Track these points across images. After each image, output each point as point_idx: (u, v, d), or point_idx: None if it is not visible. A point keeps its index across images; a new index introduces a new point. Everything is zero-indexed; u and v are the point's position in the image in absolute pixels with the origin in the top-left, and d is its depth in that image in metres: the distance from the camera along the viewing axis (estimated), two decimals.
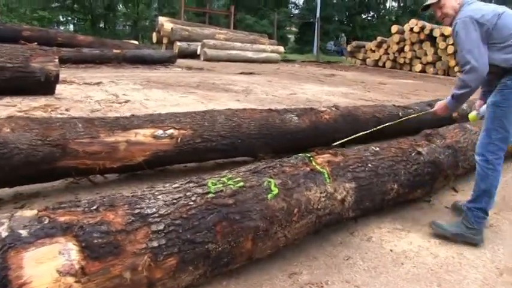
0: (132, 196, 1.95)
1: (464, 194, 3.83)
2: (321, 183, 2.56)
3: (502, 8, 3.05)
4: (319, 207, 2.50)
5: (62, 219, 1.70)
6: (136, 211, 1.85)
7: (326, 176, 2.62)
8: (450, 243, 2.99)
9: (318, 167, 2.64)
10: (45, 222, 1.66)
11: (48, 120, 3.07)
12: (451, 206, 3.60)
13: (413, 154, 3.41)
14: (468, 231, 3.01)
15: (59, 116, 5.49)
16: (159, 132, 3.34)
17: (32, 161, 2.78)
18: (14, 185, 2.94)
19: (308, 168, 2.59)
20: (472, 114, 3.76)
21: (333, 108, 4.91)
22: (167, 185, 2.12)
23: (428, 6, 3.27)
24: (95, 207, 1.81)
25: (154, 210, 1.89)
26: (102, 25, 38.23)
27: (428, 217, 3.34)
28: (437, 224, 3.10)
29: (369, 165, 2.99)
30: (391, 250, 2.83)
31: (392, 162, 3.18)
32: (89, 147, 3.01)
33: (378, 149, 3.24)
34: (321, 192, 2.52)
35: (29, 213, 1.72)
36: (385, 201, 3.10)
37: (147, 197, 1.96)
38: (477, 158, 3.11)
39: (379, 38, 25.94)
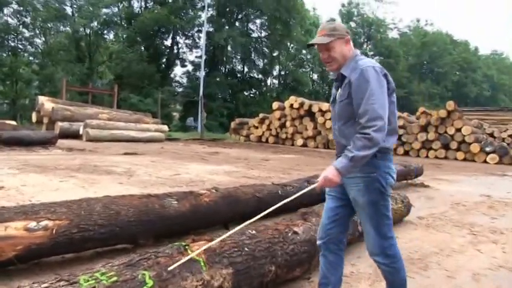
0: None
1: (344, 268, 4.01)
2: (197, 271, 2.60)
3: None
4: None
5: None
6: None
7: (202, 264, 2.66)
8: None
9: (194, 256, 2.68)
10: None
11: None
12: None
13: (289, 234, 3.53)
14: None
15: None
16: (33, 224, 3.23)
17: None
18: None
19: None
20: None
21: (213, 190, 5.01)
22: (35, 285, 2.06)
23: (314, 44, 2.89)
24: None
25: None
26: None
27: None
28: None
29: (246, 249, 3.07)
30: None
31: (269, 244, 3.26)
32: None
33: (254, 232, 3.33)
34: (197, 281, 2.56)
35: None
36: (264, 283, 3.15)
37: None
38: (376, 259, 2.89)
39: (261, 115, 27.06)
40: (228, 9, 46.24)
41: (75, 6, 42.47)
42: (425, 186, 9.99)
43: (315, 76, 57.98)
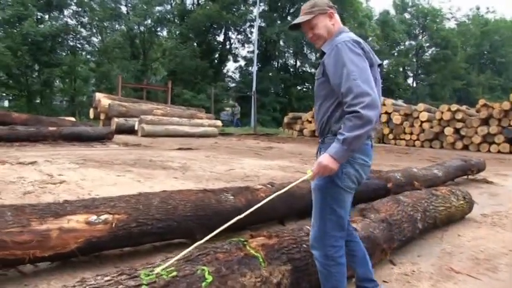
0: None
1: (402, 266, 3.92)
2: (255, 267, 2.58)
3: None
4: None
5: None
6: None
7: (260, 260, 2.65)
8: None
9: (252, 251, 2.67)
10: None
11: None
12: None
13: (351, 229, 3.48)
14: None
15: None
16: (93, 218, 3.30)
17: None
18: None
19: (242, 253, 2.61)
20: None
21: (269, 185, 4.99)
22: (98, 277, 2.10)
23: (298, 25, 2.79)
24: None
25: None
26: (38, 101, 37.70)
27: None
28: None
29: (304, 245, 3.03)
30: None
31: None
32: (18, 236, 2.93)
33: None
34: (256, 277, 2.54)
35: None
36: None
37: None
38: (314, 252, 2.68)
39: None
40: (279, 3, 46.05)
41: (129, 5, 43.39)
42: (489, 182, 9.54)
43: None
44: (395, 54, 52.90)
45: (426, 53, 55.74)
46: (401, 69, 54.12)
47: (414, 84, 56.06)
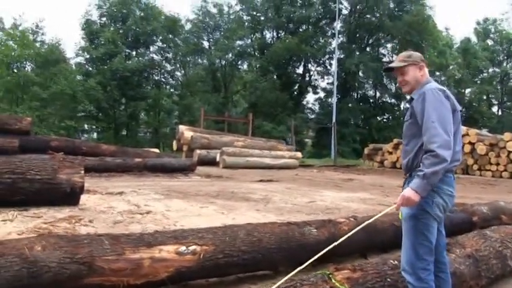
0: None
1: None
2: None
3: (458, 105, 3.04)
4: None
5: None
6: None
7: None
8: None
9: (338, 284, 2.71)
10: None
11: (76, 238, 3.20)
12: None
13: None
14: None
15: (83, 227, 5.62)
16: (183, 248, 3.44)
17: (60, 279, 2.87)
18: None
19: (328, 286, 2.66)
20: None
21: (351, 219, 4.98)
22: None
23: (392, 69, 3.20)
24: None
25: None
26: (124, 133, 39.40)
27: None
28: None
29: (388, 279, 3.03)
30: None
31: None
32: (114, 264, 3.10)
33: (396, 262, 3.28)
34: None
35: None
36: None
37: None
38: (406, 276, 2.91)
39: (395, 140, 26.37)
40: (358, 35, 46.11)
41: (211, 40, 44.91)
42: None
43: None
44: (478, 82, 50.99)
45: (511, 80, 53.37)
46: (484, 97, 52.01)
47: (499, 113, 53.65)
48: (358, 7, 45.01)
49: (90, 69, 38.35)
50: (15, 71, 36.26)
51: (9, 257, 2.72)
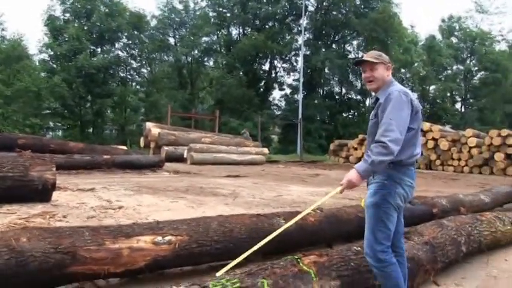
0: None
1: (447, 287, 4.08)
2: (308, 282, 2.86)
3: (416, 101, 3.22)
4: None
5: None
6: None
7: (313, 275, 2.92)
8: None
9: (305, 267, 2.95)
10: None
11: (58, 230, 3.37)
12: None
13: None
14: None
15: (57, 222, 5.75)
16: (159, 238, 3.64)
17: (45, 267, 3.05)
18: None
19: (296, 269, 2.90)
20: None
21: (318, 211, 5.23)
22: (173, 287, 2.42)
23: (361, 62, 3.32)
24: None
25: None
26: (90, 130, 39.07)
27: None
28: None
29: (351, 263, 3.28)
30: None
31: None
32: (95, 253, 3.28)
33: (359, 248, 3.53)
34: None
35: None
36: None
37: None
38: (368, 259, 3.14)
39: (360, 136, 26.84)
40: (324, 31, 46.58)
41: (177, 36, 44.82)
42: None
43: (415, 95, 56.08)
44: (443, 79, 51.99)
45: (475, 77, 54.02)
46: (448, 94, 53.06)
47: (463, 109, 54.80)
48: (324, 4, 45.57)
49: (55, 66, 37.87)
50: None
51: None
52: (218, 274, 2.78)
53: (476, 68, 53.83)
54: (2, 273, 2.83)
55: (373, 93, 3.39)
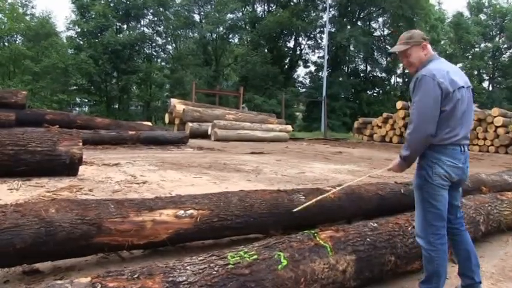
0: (166, 267, 2.36)
1: None
2: (324, 255, 2.94)
3: (463, 80, 3.14)
4: (323, 277, 2.88)
5: (111, 285, 2.11)
6: (170, 279, 2.26)
7: (328, 249, 3.01)
8: None
9: (321, 242, 3.03)
10: (99, 287, 2.07)
11: (85, 202, 3.51)
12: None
13: (409, 228, 3.72)
14: None
15: (84, 195, 5.92)
16: (181, 212, 3.76)
17: (72, 237, 3.19)
18: (55, 258, 3.33)
19: (313, 243, 2.99)
20: None
21: (338, 187, 5.30)
22: (194, 257, 2.54)
23: (395, 52, 3.30)
24: (136, 276, 2.21)
25: (184, 278, 2.29)
26: (116, 106, 39.49)
27: None
28: None
29: (368, 239, 3.35)
30: None
31: (389, 236, 3.50)
32: (120, 225, 3.42)
33: (375, 224, 3.59)
34: (324, 264, 2.91)
35: (84, 280, 2.12)
36: (384, 272, 3.40)
37: (178, 268, 2.37)
38: (419, 240, 3.16)
39: (385, 114, 26.63)
40: (349, 8, 46.09)
41: (202, 13, 44.82)
42: None
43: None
44: (470, 57, 50.98)
45: (504, 55, 52.80)
46: (475, 72, 52.13)
47: (490, 88, 53.83)
48: None
49: (81, 43, 38.27)
50: (6, 44, 36.18)
51: (29, 217, 3.05)
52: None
53: (505, 46, 52.42)
54: (33, 242, 2.99)
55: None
